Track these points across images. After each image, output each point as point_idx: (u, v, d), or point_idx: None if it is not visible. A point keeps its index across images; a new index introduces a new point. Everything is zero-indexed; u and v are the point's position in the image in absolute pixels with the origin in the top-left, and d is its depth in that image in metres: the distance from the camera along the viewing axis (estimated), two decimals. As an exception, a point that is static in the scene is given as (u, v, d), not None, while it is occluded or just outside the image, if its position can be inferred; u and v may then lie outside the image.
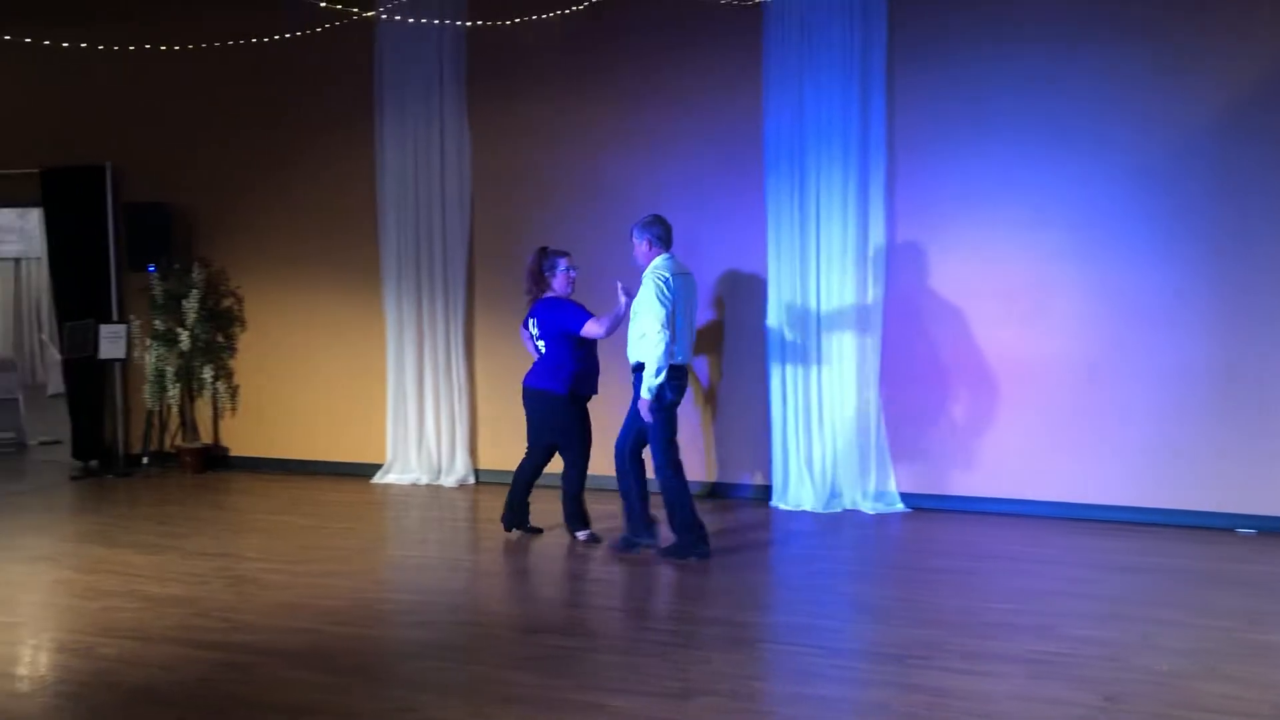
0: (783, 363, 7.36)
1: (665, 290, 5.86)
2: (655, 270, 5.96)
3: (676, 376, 6.00)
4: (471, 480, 8.27)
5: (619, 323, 6.19)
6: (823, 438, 7.32)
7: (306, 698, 4.18)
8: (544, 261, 6.38)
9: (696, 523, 6.08)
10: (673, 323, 5.88)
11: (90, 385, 9.19)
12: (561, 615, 5.23)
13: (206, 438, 9.10)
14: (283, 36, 7.97)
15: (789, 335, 7.35)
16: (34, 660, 4.68)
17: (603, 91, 7.81)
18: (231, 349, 9.04)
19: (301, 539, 6.68)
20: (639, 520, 6.19)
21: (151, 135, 9.00)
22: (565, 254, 6.40)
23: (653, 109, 7.69)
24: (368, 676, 4.44)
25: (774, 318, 7.39)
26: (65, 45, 8.11)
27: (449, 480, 8.24)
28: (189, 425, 9.10)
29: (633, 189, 7.74)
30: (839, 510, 7.23)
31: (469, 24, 7.75)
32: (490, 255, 8.18)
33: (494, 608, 5.49)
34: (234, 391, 9.05)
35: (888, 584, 5.84)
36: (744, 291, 7.56)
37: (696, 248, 7.59)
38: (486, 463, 8.32)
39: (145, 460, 8.87)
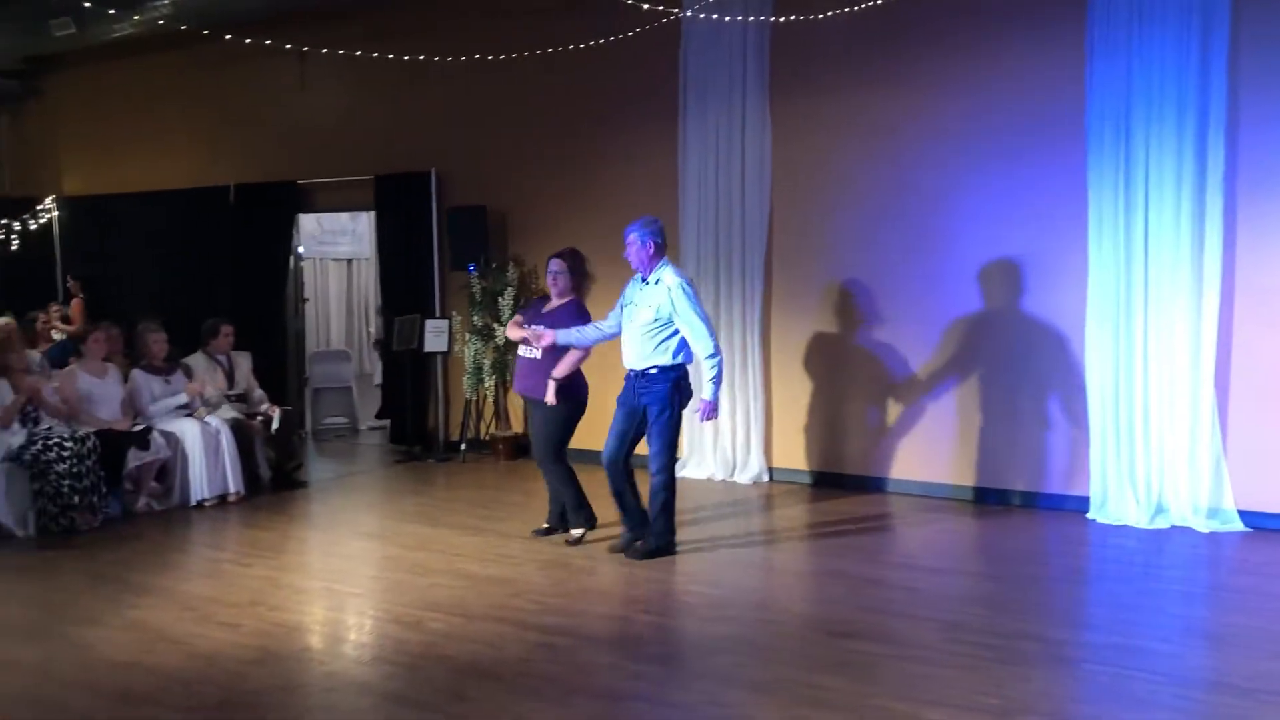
0: (1103, 360, 6.84)
1: (695, 291, 5.97)
2: (675, 279, 5.92)
3: (687, 377, 6.08)
4: (766, 478, 8.24)
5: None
6: (1148, 446, 6.76)
7: (620, 684, 4.29)
8: None
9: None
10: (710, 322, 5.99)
11: (413, 376, 9.86)
12: (867, 620, 5.10)
13: (517, 426, 9.55)
14: (595, 42, 8.24)
15: (1111, 330, 6.81)
16: (372, 630, 5.06)
17: (905, 81, 7.54)
18: (541, 344, 9.44)
19: (606, 527, 6.84)
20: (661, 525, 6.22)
21: (471, 142, 9.55)
22: (555, 256, 6.50)
23: (959, 95, 7.35)
24: (675, 667, 4.51)
25: (1093, 311, 6.86)
26: (405, 58, 8.78)
27: (743, 477, 8.23)
28: (502, 415, 9.60)
29: (935, 181, 7.45)
30: (1166, 526, 6.65)
31: (774, 19, 7.72)
32: (788, 251, 8.10)
33: (795, 607, 5.44)
34: (542, 384, 9.45)
35: (1229, 609, 5.32)
36: (1060, 283, 7.08)
37: (1007, 236, 7.23)
38: (780, 460, 8.27)
39: (463, 447, 9.44)
